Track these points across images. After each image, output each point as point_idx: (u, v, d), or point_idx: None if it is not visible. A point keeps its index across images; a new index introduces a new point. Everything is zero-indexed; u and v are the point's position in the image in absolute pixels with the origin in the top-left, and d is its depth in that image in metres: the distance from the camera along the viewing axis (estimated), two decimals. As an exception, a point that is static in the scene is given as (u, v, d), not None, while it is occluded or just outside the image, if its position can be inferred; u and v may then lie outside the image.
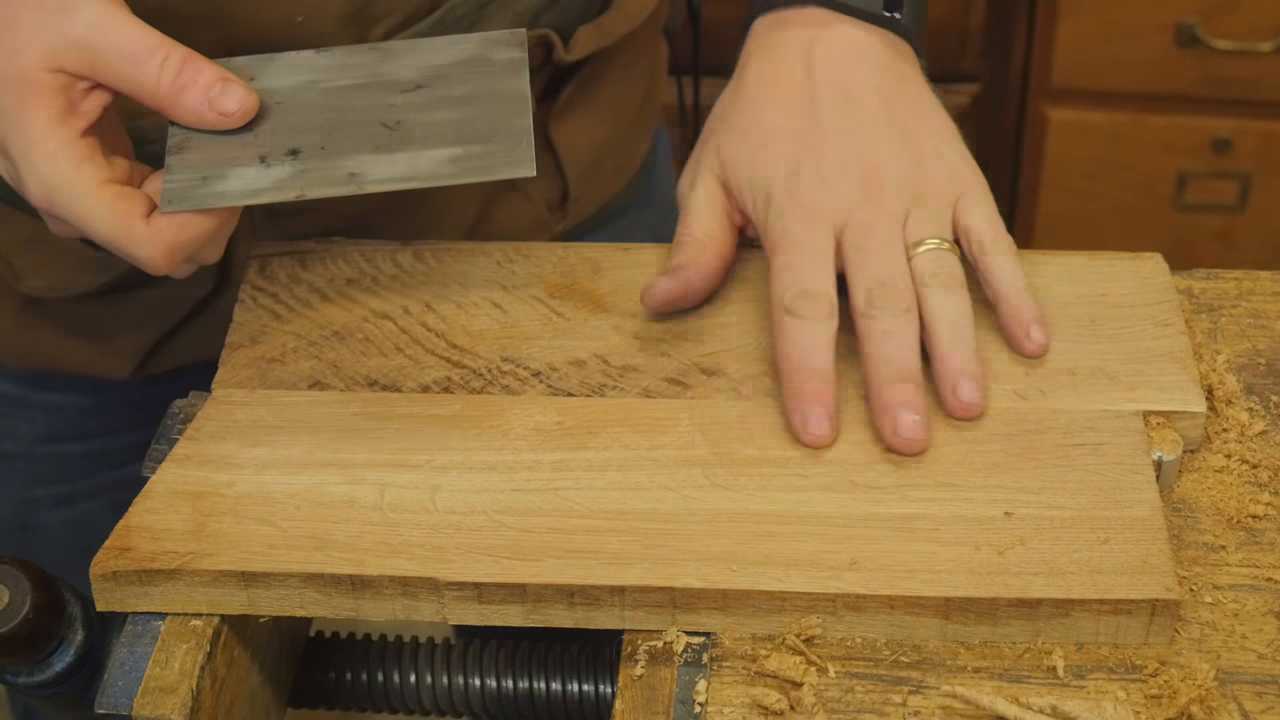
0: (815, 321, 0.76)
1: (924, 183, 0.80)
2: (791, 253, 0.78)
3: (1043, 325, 0.78)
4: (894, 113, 0.82)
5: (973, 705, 0.66)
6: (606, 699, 0.77)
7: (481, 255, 0.88)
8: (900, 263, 0.77)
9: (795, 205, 0.79)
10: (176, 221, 0.72)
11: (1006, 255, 0.79)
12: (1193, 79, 1.85)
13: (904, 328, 0.75)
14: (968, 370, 0.75)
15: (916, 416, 0.73)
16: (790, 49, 0.84)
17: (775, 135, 0.81)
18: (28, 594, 0.69)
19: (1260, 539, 0.73)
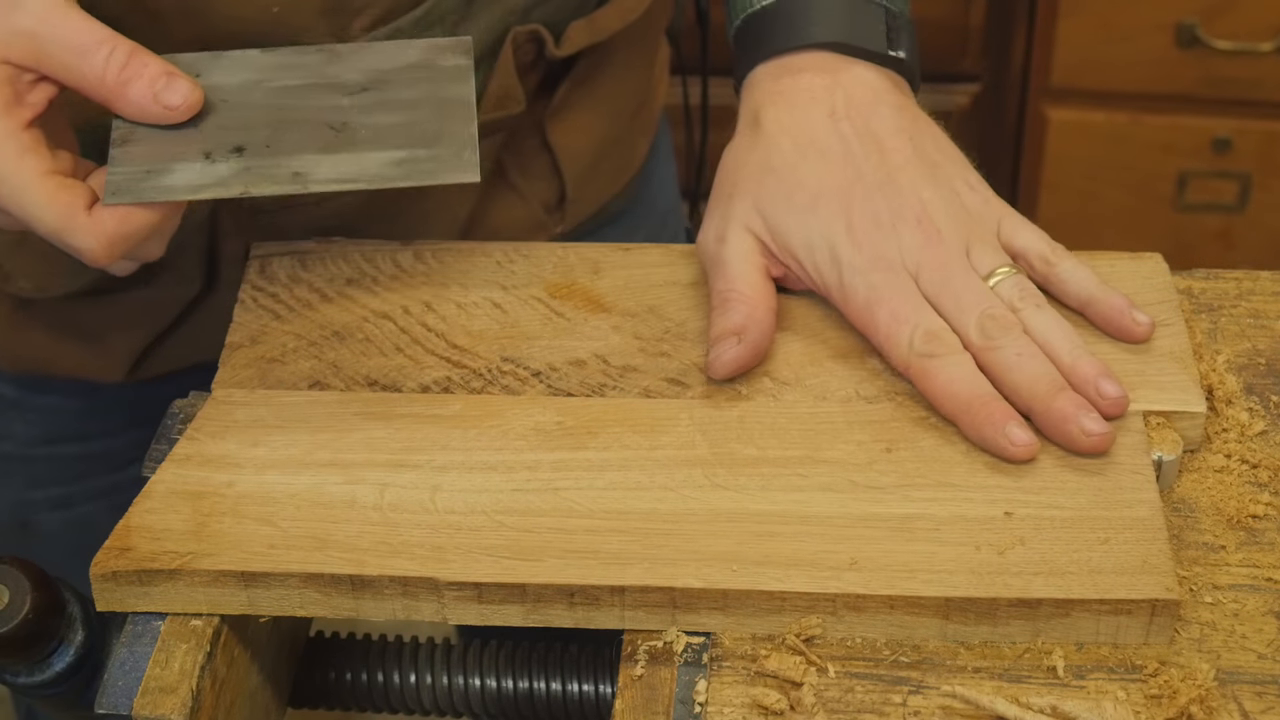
0: (957, 354, 0.76)
1: (967, 216, 0.80)
2: (893, 303, 0.78)
3: (1138, 307, 0.79)
4: (922, 153, 0.82)
5: (973, 705, 0.66)
6: (606, 699, 0.77)
7: (481, 255, 0.88)
8: (989, 293, 0.78)
9: (868, 259, 0.79)
10: (118, 214, 0.73)
11: (1071, 259, 0.80)
12: (1193, 79, 1.85)
13: (1030, 346, 0.76)
14: (1101, 370, 0.75)
15: (1095, 413, 0.73)
16: (807, 97, 0.83)
17: (821, 193, 0.80)
18: (28, 594, 0.69)
19: (1260, 539, 0.73)
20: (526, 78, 0.93)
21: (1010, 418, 0.74)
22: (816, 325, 0.81)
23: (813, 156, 0.81)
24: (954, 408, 0.75)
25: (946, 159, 0.83)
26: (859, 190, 0.80)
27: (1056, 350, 0.76)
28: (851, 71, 0.83)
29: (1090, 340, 0.79)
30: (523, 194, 0.99)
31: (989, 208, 0.81)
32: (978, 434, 0.74)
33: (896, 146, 0.81)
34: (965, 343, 0.77)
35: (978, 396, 0.75)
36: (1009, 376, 0.75)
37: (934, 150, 0.83)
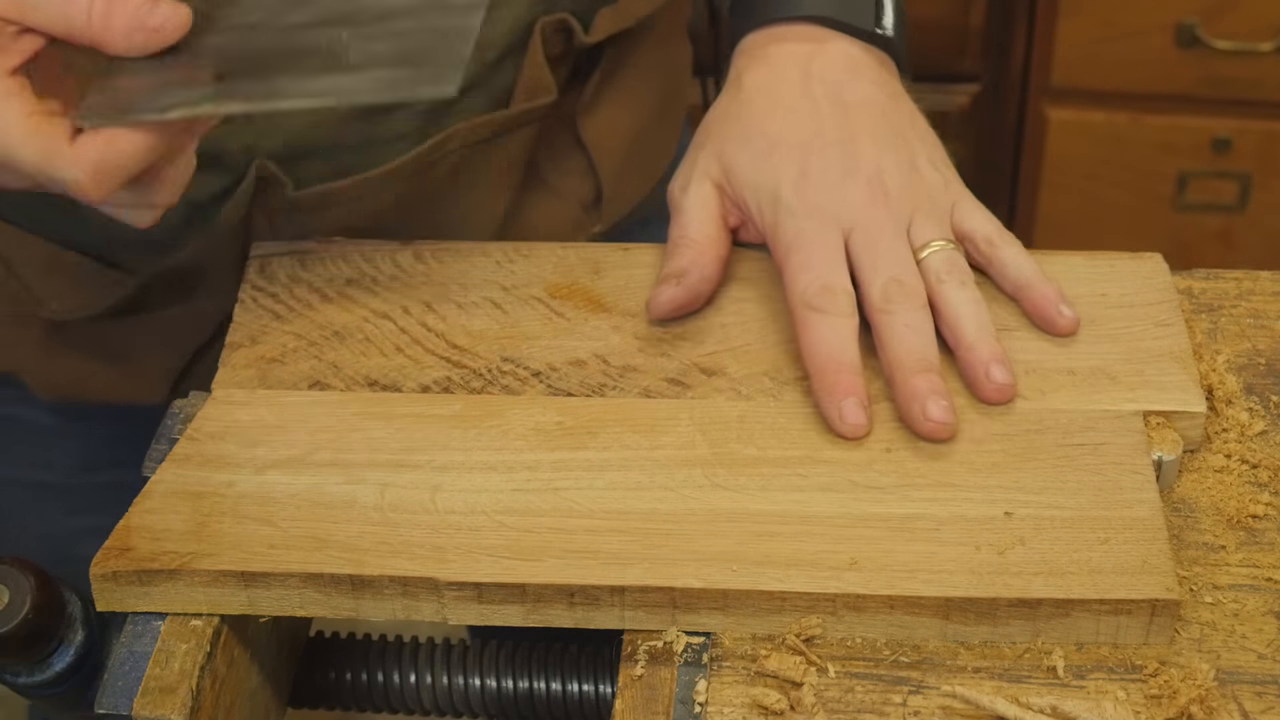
0: (840, 316, 0.77)
1: (922, 189, 0.82)
2: (809, 251, 0.79)
3: (1069, 302, 0.80)
4: (889, 123, 0.84)
5: (973, 705, 0.66)
6: (606, 699, 0.77)
7: (481, 255, 0.88)
8: (910, 262, 0.79)
9: (805, 206, 0.81)
10: (100, 139, 0.70)
11: (1014, 246, 0.81)
12: (1193, 79, 1.85)
13: (922, 321, 0.77)
14: (996, 355, 0.76)
15: (945, 402, 0.74)
16: (788, 61, 0.86)
17: (780, 142, 0.83)
18: (28, 594, 0.69)
19: (1260, 539, 0.73)
20: (557, 69, 0.93)
21: (852, 394, 0.75)
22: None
23: (780, 112, 0.84)
24: (812, 366, 0.77)
25: (916, 136, 0.84)
26: (817, 144, 0.82)
27: (962, 328, 0.77)
28: (835, 43, 0.86)
29: (1090, 339, 0.80)
30: (559, 193, 1.00)
31: (947, 189, 0.83)
32: (818, 398, 0.76)
33: (864, 114, 0.83)
34: (866, 303, 0.78)
35: (834, 361, 0.76)
36: (889, 343, 0.77)
37: (904, 125, 0.84)
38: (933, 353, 0.76)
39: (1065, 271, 0.84)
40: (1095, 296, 0.82)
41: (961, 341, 0.77)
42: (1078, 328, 0.80)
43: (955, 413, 0.75)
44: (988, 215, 0.83)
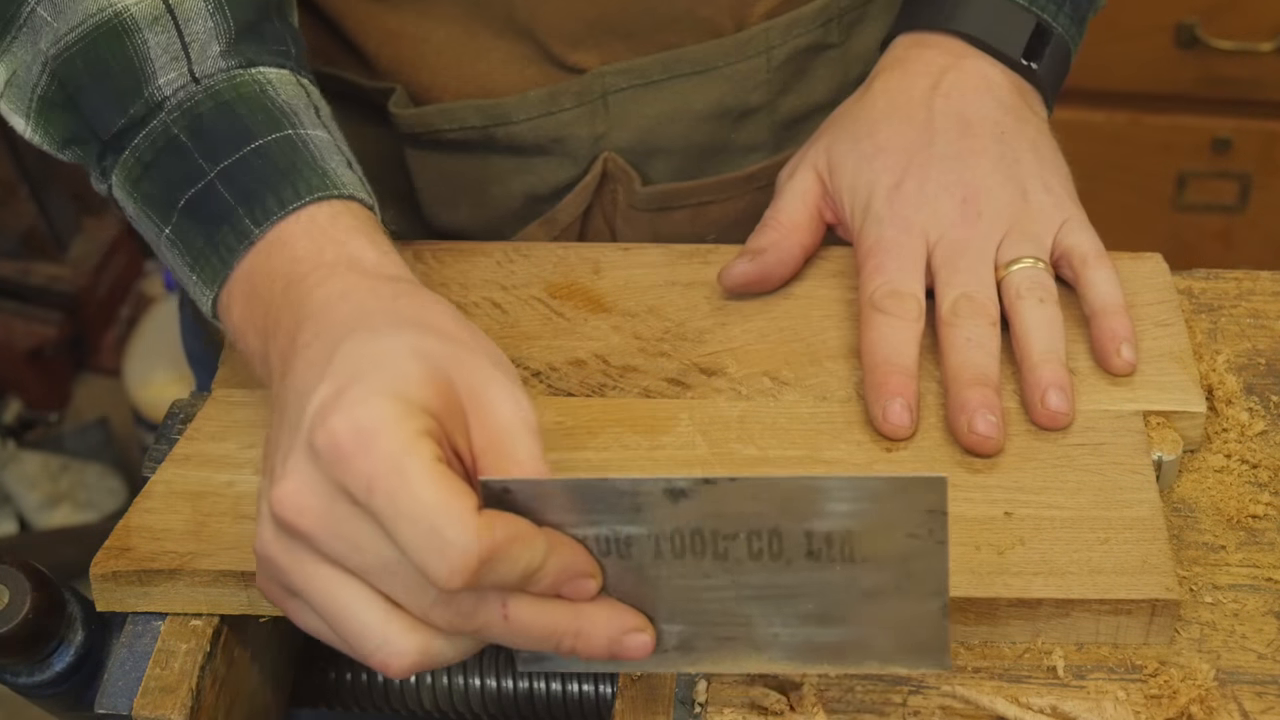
0: (902, 320, 0.77)
1: (1024, 213, 0.81)
2: (885, 257, 0.79)
3: (1134, 346, 0.78)
4: (1007, 147, 0.83)
5: (973, 705, 0.66)
6: (606, 699, 0.77)
7: (481, 255, 0.88)
8: (988, 280, 0.79)
9: (894, 216, 0.81)
10: (513, 526, 0.58)
11: (1106, 270, 0.80)
12: (1193, 79, 1.84)
13: (987, 336, 0.77)
14: (1057, 381, 0.75)
15: (993, 417, 0.74)
16: (921, 71, 0.85)
17: (886, 148, 0.83)
18: (28, 594, 0.69)
19: (1260, 539, 0.73)
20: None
21: (901, 394, 0.75)
22: (818, 325, 0.81)
23: (896, 119, 0.84)
24: (867, 363, 0.77)
25: (1034, 159, 0.83)
26: (922, 157, 0.82)
27: (1030, 347, 0.77)
28: (975, 62, 0.85)
29: (1090, 340, 0.80)
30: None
31: (1057, 209, 0.82)
32: (867, 394, 0.76)
33: (981, 133, 0.83)
34: (936, 316, 0.78)
35: (889, 362, 0.76)
36: (949, 355, 0.76)
37: (1022, 148, 0.83)
38: (992, 369, 0.76)
39: (1065, 271, 0.84)
40: (1095, 296, 0.82)
41: (1027, 360, 0.76)
42: (1133, 371, 0.78)
43: (1003, 429, 0.74)
44: (1093, 236, 0.81)
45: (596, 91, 0.86)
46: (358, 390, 0.59)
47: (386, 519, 0.58)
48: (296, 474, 0.59)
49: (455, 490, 0.58)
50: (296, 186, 0.69)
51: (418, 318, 0.64)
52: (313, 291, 0.65)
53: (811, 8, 0.89)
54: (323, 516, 0.59)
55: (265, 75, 0.73)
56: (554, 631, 0.60)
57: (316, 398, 0.60)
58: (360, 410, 0.58)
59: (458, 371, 0.61)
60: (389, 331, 0.62)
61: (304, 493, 0.59)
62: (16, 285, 2.23)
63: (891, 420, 0.75)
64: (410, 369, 0.60)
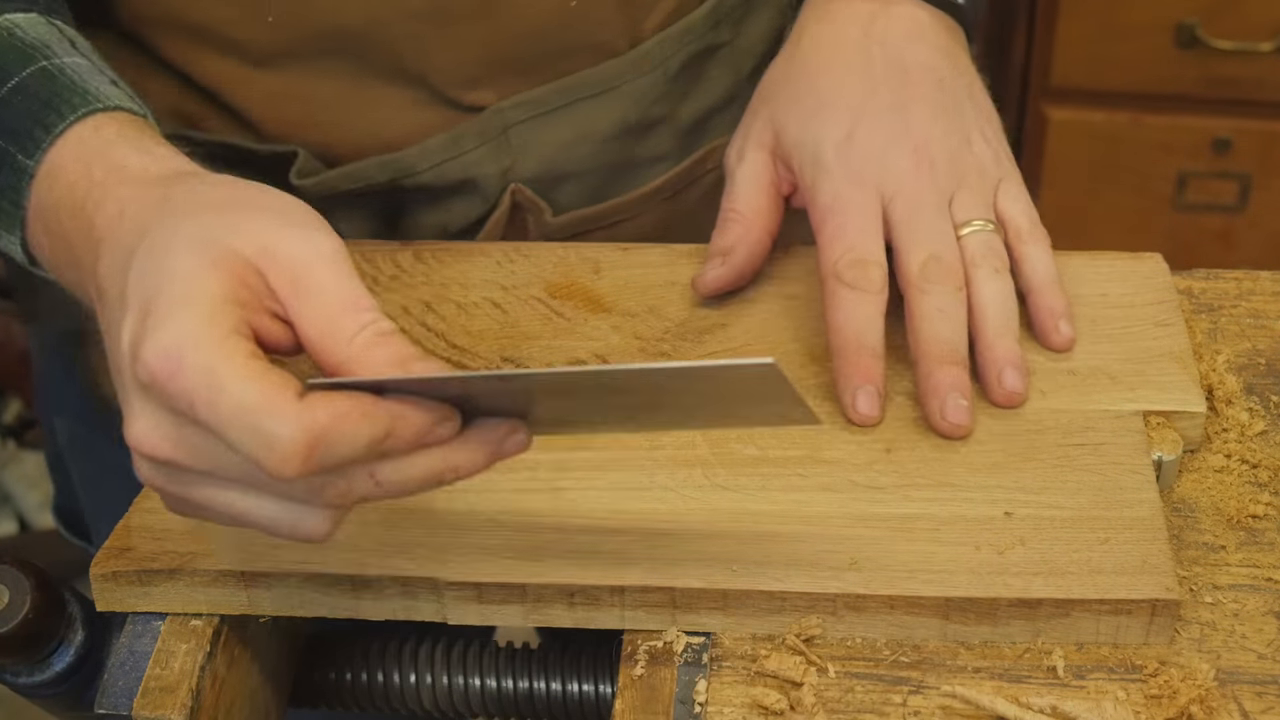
0: (869, 294, 0.76)
1: (970, 163, 0.80)
2: (843, 218, 0.78)
3: (1071, 320, 0.79)
4: (948, 94, 0.82)
5: (973, 705, 0.66)
6: (606, 699, 0.77)
7: (481, 255, 0.88)
8: (952, 238, 0.78)
9: (846, 169, 0.79)
10: (333, 407, 0.59)
11: (1042, 245, 0.80)
12: (1193, 79, 1.84)
13: (956, 306, 0.76)
14: (1013, 359, 0.75)
15: (965, 402, 0.74)
16: (849, 19, 0.83)
17: (830, 101, 0.81)
18: (28, 594, 0.69)
19: (1260, 539, 0.73)
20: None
21: (870, 381, 0.74)
22: (817, 325, 0.81)
23: (835, 69, 0.82)
24: (834, 343, 0.76)
25: (973, 107, 0.82)
26: (869, 107, 0.80)
27: (986, 321, 0.76)
28: (902, 6, 0.84)
29: (1090, 339, 0.80)
30: None
31: (997, 165, 0.81)
32: (837, 378, 0.75)
33: (921, 79, 0.81)
34: (902, 276, 0.76)
35: (856, 344, 0.75)
36: (920, 326, 0.75)
37: (962, 95, 0.82)
38: (962, 342, 0.75)
39: (1065, 271, 0.84)
40: (1095, 296, 0.82)
41: (982, 337, 0.76)
42: (1072, 346, 0.78)
43: (972, 414, 0.74)
44: (1028, 205, 0.81)
45: (497, 127, 0.86)
46: (156, 314, 0.60)
47: (216, 430, 0.59)
48: (139, 415, 0.61)
49: (272, 384, 0.58)
50: (60, 110, 0.69)
51: (189, 207, 0.64)
52: (94, 218, 0.66)
53: (700, 12, 0.89)
54: (179, 444, 0.60)
55: (11, 20, 0.72)
56: (429, 477, 0.62)
57: (126, 334, 0.61)
58: (162, 333, 0.59)
59: (242, 241, 0.62)
60: (167, 239, 0.62)
61: (151, 430, 0.61)
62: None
63: (860, 409, 0.74)
64: (196, 268, 0.60)
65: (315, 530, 0.62)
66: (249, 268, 0.62)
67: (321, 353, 0.62)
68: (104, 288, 0.64)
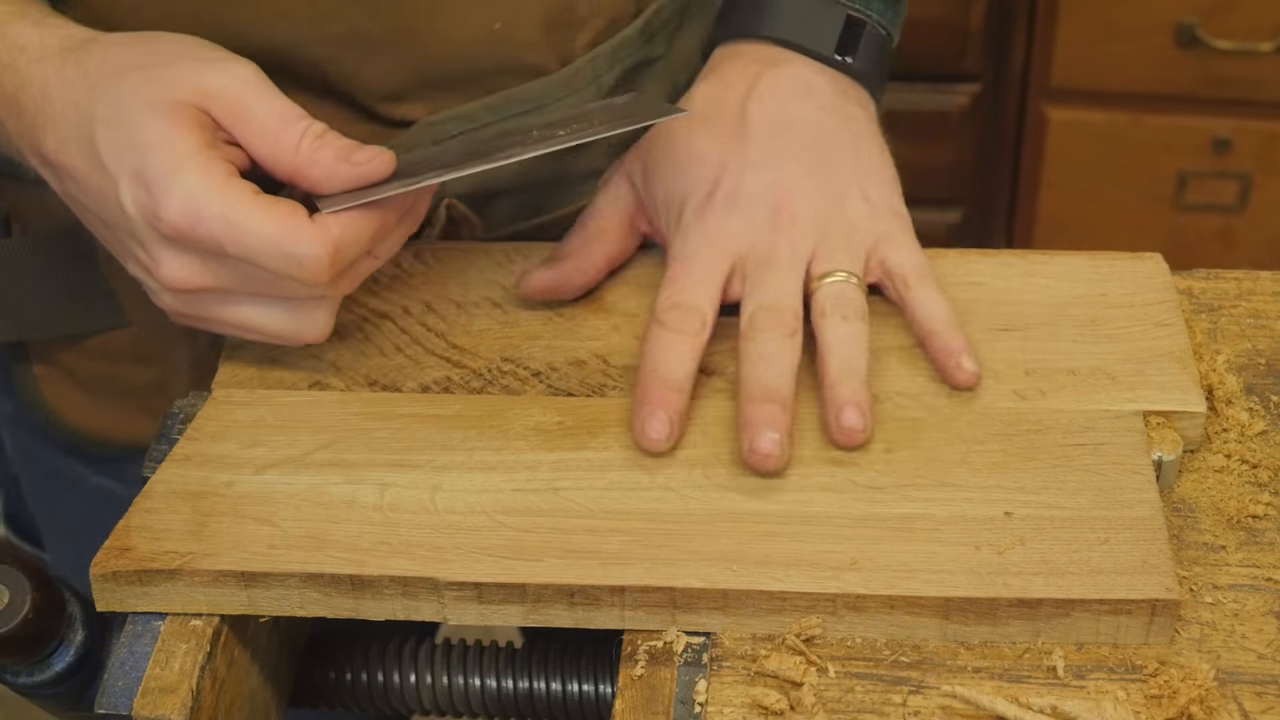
0: (681, 334, 0.77)
1: (840, 221, 0.80)
2: (682, 268, 0.79)
3: (973, 355, 0.77)
4: (824, 151, 0.82)
5: (973, 705, 0.66)
6: (606, 699, 0.77)
7: (481, 255, 0.88)
8: (792, 289, 0.78)
9: (701, 227, 0.80)
10: (341, 218, 0.71)
11: (931, 289, 0.79)
12: (1193, 79, 1.84)
13: (780, 351, 0.76)
14: (853, 399, 0.75)
15: (775, 435, 0.73)
16: (737, 78, 0.84)
17: (699, 158, 0.82)
18: (28, 594, 0.69)
19: (1260, 539, 0.73)
20: None
21: (663, 408, 0.74)
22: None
23: (712, 124, 0.83)
24: (640, 372, 0.76)
25: (855, 165, 0.82)
26: (735, 165, 0.81)
27: (827, 364, 0.76)
28: (791, 66, 0.84)
29: (1090, 339, 0.80)
30: None
31: (873, 222, 0.81)
32: (634, 406, 0.76)
33: (797, 138, 0.81)
34: (740, 324, 0.77)
35: (657, 375, 0.75)
36: (742, 369, 0.76)
37: (843, 153, 0.82)
38: (781, 383, 0.75)
39: (1065, 271, 0.84)
40: (1095, 296, 0.82)
41: (824, 379, 0.76)
42: (978, 382, 0.77)
43: (785, 449, 0.73)
44: (912, 252, 0.80)
45: (426, 142, 0.86)
46: (156, 182, 0.69)
47: (249, 259, 0.70)
48: (167, 260, 0.72)
49: (284, 213, 0.69)
50: None
51: (111, 74, 0.71)
52: (19, 98, 0.73)
53: (633, 29, 0.89)
54: (207, 275, 0.72)
55: None
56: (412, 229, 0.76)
57: (129, 204, 0.70)
58: (173, 196, 0.69)
59: (180, 91, 0.70)
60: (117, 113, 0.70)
61: (180, 269, 0.72)
62: None
63: (649, 434, 0.74)
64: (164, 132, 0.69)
65: (320, 329, 0.75)
66: (199, 111, 0.71)
67: (275, 166, 0.72)
68: (60, 163, 0.73)
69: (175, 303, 0.74)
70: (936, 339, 0.78)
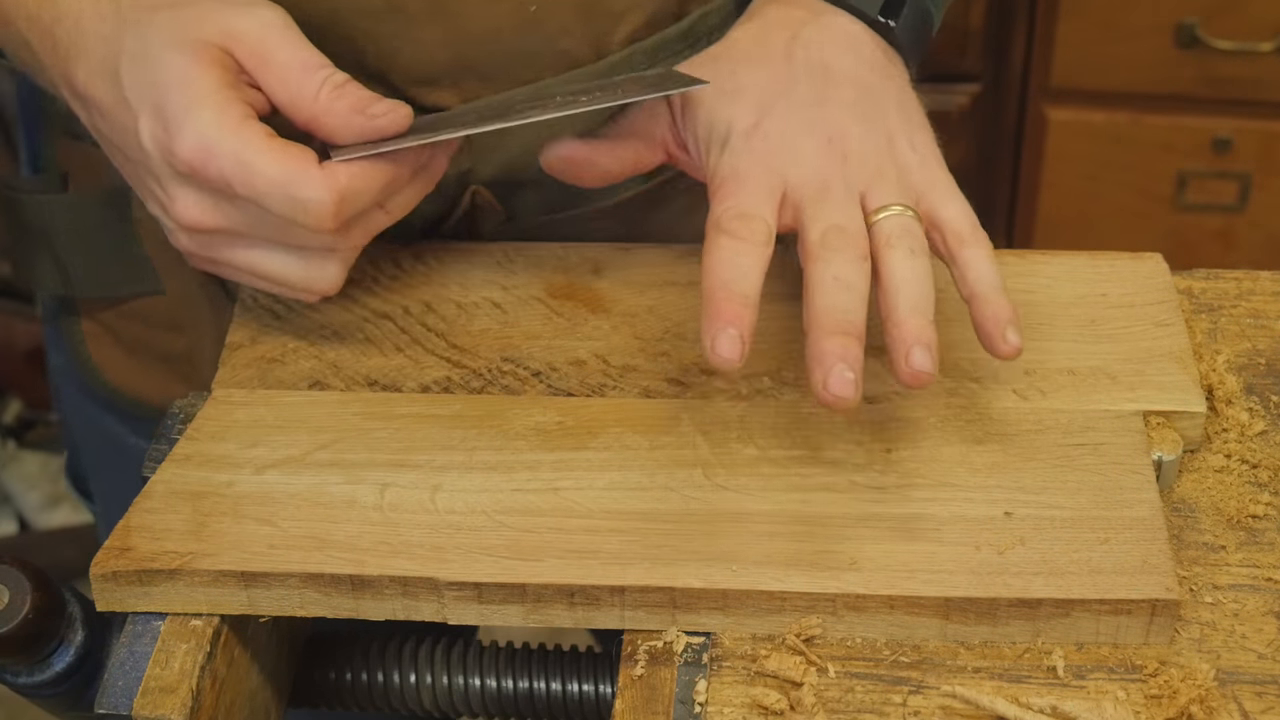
0: (750, 244, 0.72)
1: (891, 161, 0.76)
2: (736, 185, 0.75)
3: (1018, 328, 0.72)
4: (871, 100, 0.79)
5: (973, 705, 0.66)
6: (606, 699, 0.77)
7: (482, 255, 0.88)
8: (858, 215, 0.74)
9: (750, 152, 0.76)
10: (351, 168, 0.72)
11: (984, 248, 0.74)
12: (1193, 79, 1.84)
13: (856, 276, 0.71)
14: (924, 338, 0.70)
15: (851, 374, 0.68)
16: (779, 23, 0.82)
17: (747, 89, 0.79)
18: (28, 594, 0.69)
19: (1260, 539, 0.73)
20: None
21: (734, 325, 0.69)
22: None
23: (756, 62, 0.80)
24: (704, 288, 0.71)
25: (900, 115, 0.79)
26: (784, 102, 0.78)
27: (897, 299, 0.71)
28: (835, 18, 0.82)
29: (1090, 339, 0.80)
30: None
31: (923, 168, 0.77)
32: (702, 321, 0.70)
33: (844, 83, 0.79)
34: (802, 249, 0.73)
35: (726, 287, 0.70)
36: (813, 295, 0.71)
37: (888, 103, 0.79)
38: (858, 314, 0.70)
39: (1065, 271, 0.84)
40: (1095, 296, 0.82)
41: (892, 315, 0.71)
42: (1017, 355, 0.72)
43: (859, 387, 0.68)
44: (964, 207, 0.75)
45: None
46: (174, 118, 0.71)
47: (256, 200, 0.71)
48: (180, 197, 0.73)
49: (294, 156, 0.71)
50: None
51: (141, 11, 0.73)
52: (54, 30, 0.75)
53: (676, 30, 0.88)
54: (220, 216, 0.73)
55: None
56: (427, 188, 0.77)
57: (146, 137, 0.72)
58: (188, 132, 0.71)
59: (207, 30, 0.72)
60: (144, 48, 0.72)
61: (192, 206, 0.73)
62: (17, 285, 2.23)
63: (720, 352, 0.68)
64: (187, 69, 0.71)
65: (331, 281, 0.76)
66: (222, 52, 0.72)
67: (294, 112, 0.73)
68: (88, 95, 0.75)
69: (190, 243, 0.76)
70: (986, 305, 0.73)
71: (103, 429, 1.01)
